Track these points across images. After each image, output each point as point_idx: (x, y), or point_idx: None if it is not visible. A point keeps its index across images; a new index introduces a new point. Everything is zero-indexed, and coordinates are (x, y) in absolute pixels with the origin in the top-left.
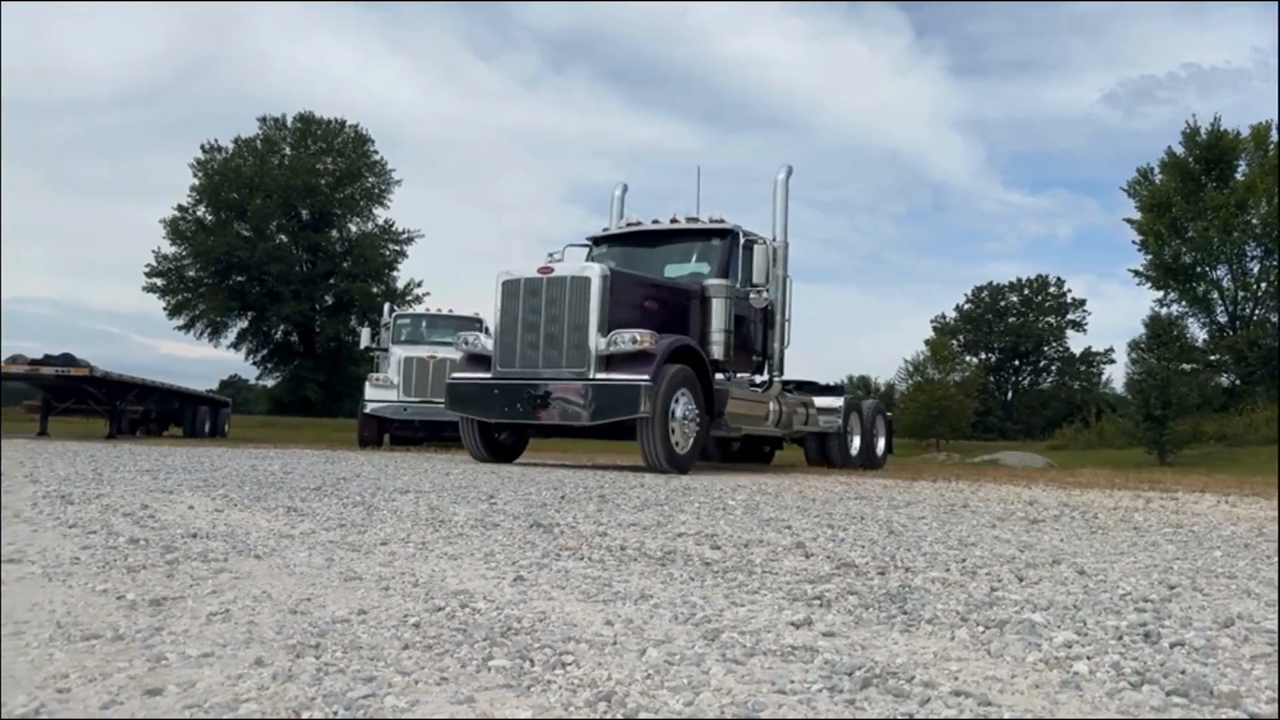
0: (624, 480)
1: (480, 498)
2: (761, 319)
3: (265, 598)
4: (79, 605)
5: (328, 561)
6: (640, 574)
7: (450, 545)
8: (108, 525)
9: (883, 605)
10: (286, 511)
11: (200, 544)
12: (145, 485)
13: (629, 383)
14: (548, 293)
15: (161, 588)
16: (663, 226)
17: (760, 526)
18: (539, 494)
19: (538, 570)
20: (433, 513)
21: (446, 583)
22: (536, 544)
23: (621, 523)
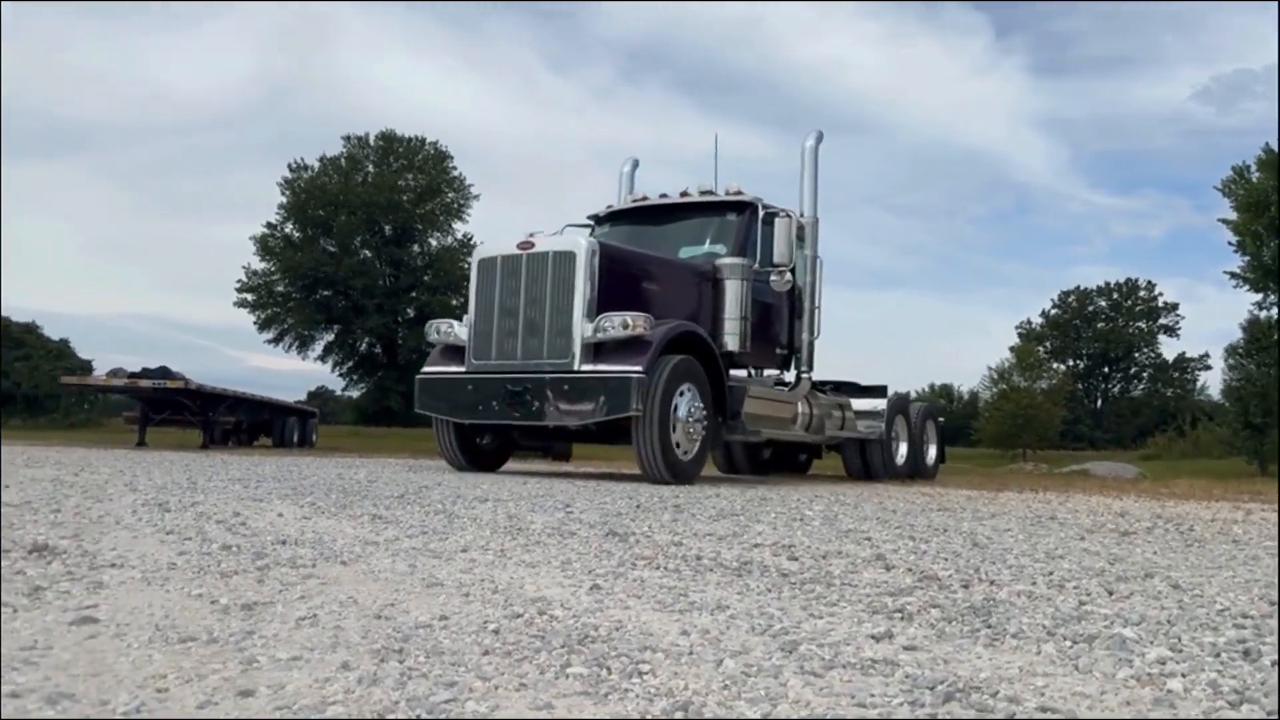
0: (699, 490)
1: (557, 506)
2: (787, 306)
3: (351, 603)
4: (176, 609)
5: (410, 568)
6: (716, 584)
7: (528, 553)
8: (202, 532)
9: (966, 619)
10: (371, 519)
11: (289, 550)
12: (237, 493)
13: (618, 375)
14: (528, 272)
15: (253, 593)
16: (672, 200)
17: (839, 538)
18: (614, 503)
19: (614, 579)
20: (511, 521)
21: (525, 590)
22: (612, 553)
23: (697, 532)
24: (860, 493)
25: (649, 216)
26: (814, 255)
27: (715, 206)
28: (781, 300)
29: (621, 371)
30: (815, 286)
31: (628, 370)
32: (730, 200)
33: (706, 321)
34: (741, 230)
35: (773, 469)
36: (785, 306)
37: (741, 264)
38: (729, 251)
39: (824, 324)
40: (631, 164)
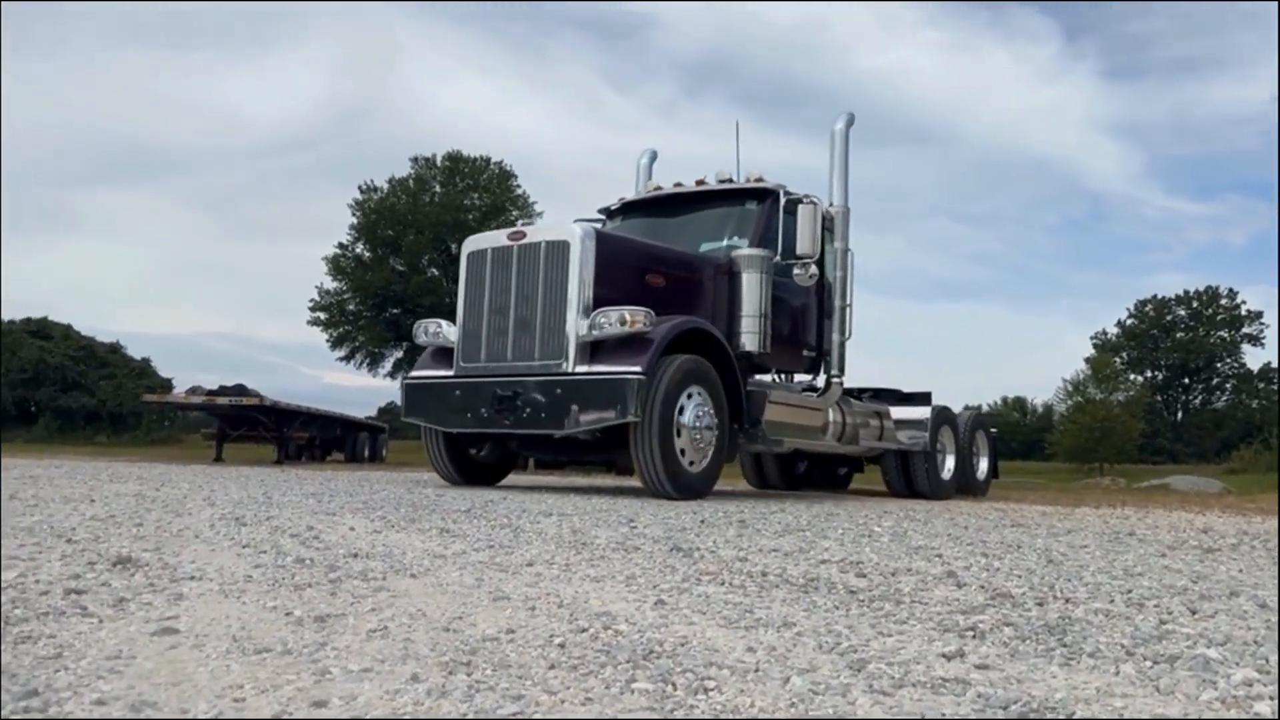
0: (764, 506)
1: (621, 521)
2: (815, 303)
3: (420, 616)
4: (252, 620)
5: (478, 581)
6: (782, 601)
7: (593, 567)
8: (277, 545)
9: (1040, 637)
10: (439, 533)
11: (360, 563)
12: (311, 508)
13: (613, 377)
14: (519, 264)
15: (325, 605)
16: (688, 189)
17: (908, 554)
18: (678, 518)
19: (678, 594)
20: (575, 535)
21: (590, 604)
22: (677, 568)
23: (762, 548)
24: (930, 509)
25: (664, 208)
26: (845, 248)
27: (734, 195)
28: (808, 297)
29: (617, 373)
30: (847, 282)
31: (624, 371)
32: (750, 188)
33: (721, 319)
34: (762, 220)
35: (808, 483)
36: (812, 304)
37: (761, 256)
38: (748, 243)
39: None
40: (649, 155)
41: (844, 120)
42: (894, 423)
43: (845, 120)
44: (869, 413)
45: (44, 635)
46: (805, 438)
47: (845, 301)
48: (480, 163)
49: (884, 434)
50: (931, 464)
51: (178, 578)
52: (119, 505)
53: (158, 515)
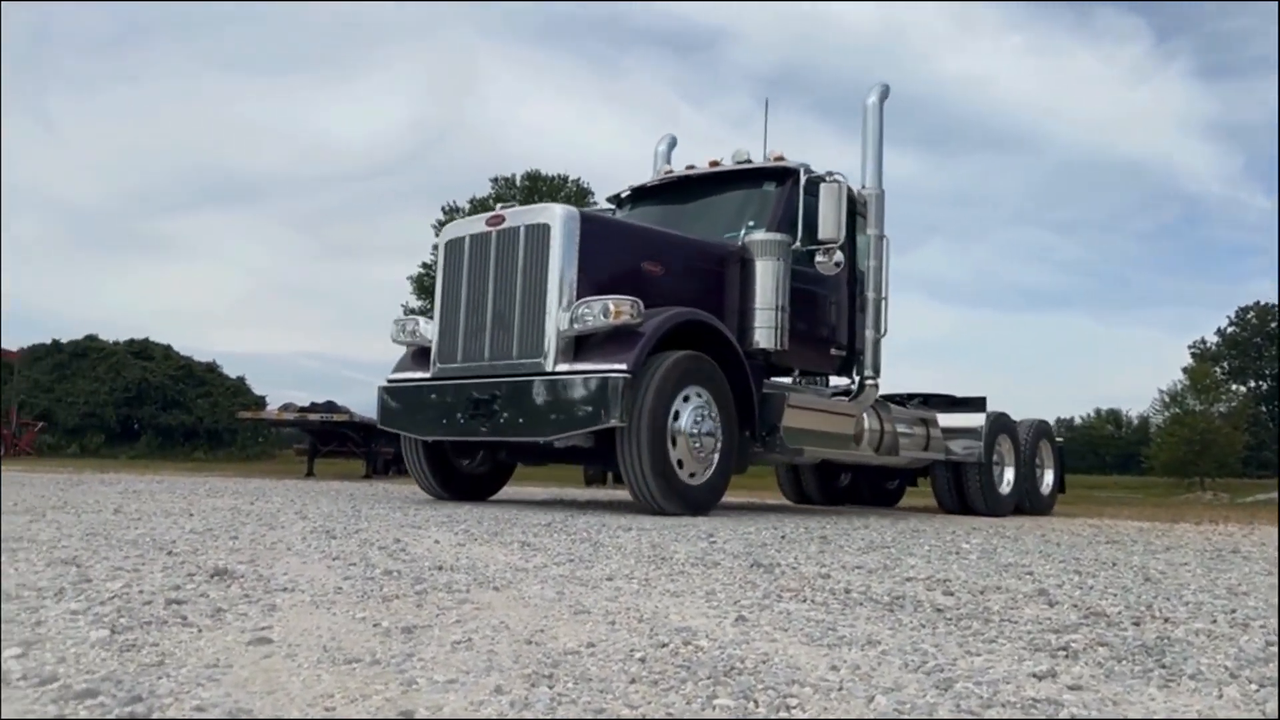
0: (847, 522)
1: (699, 536)
2: (845, 296)
3: (503, 628)
4: (341, 631)
5: (559, 595)
6: (866, 619)
7: (672, 582)
8: (365, 558)
9: (1137, 658)
10: (521, 546)
11: (445, 576)
12: (397, 521)
13: (594, 376)
14: (497, 252)
15: (412, 616)
16: (701, 171)
17: (998, 572)
18: (758, 533)
19: (759, 611)
20: (654, 550)
21: (670, 619)
22: (757, 584)
23: (845, 565)
24: (1020, 525)
25: (677, 194)
26: (879, 234)
27: (751, 176)
28: (837, 289)
29: (599, 371)
30: (882, 273)
31: (606, 369)
32: (768, 168)
33: (732, 313)
34: (781, 202)
35: (852, 498)
36: (842, 297)
37: (776, 241)
38: (763, 226)
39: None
40: (668, 142)
41: (876, 93)
42: (943, 431)
43: (878, 93)
44: (912, 420)
45: (147, 643)
46: (833, 447)
47: (880, 294)
48: (558, 181)
49: (930, 444)
50: (987, 477)
51: (271, 589)
52: (216, 519)
53: (253, 528)
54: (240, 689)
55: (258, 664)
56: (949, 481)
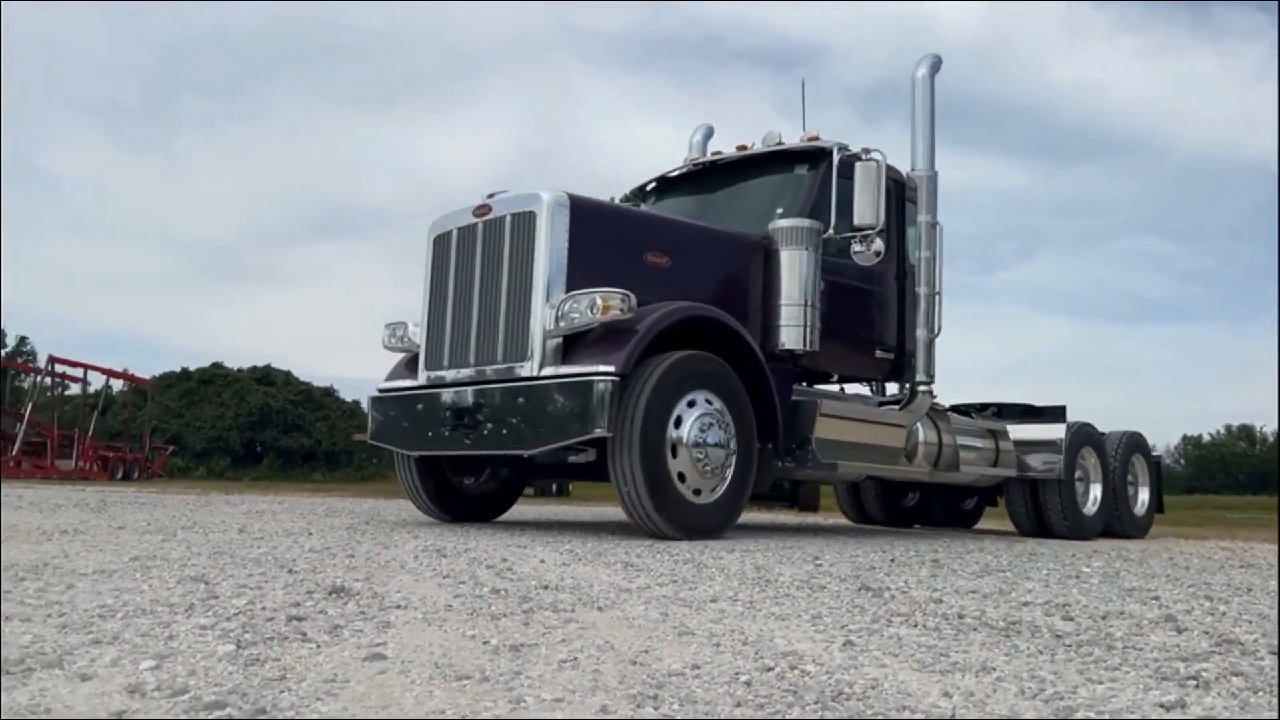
0: (960, 545)
1: (805, 559)
2: (893, 291)
3: (608, 648)
4: (452, 648)
5: (662, 616)
6: (981, 644)
7: (777, 605)
8: (474, 576)
9: (1276, 690)
10: (624, 566)
11: (551, 595)
12: (504, 540)
13: (574, 380)
14: (484, 245)
15: (519, 634)
16: (729, 157)
17: (1121, 596)
18: (866, 556)
19: (868, 635)
20: (759, 572)
21: (775, 643)
22: (866, 608)
23: (959, 589)
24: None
25: (706, 183)
26: (932, 222)
27: (782, 160)
28: (881, 283)
29: (581, 374)
30: (934, 265)
31: (591, 371)
32: (800, 149)
33: (755, 311)
34: (814, 186)
35: (923, 518)
36: (888, 292)
37: (804, 228)
38: (791, 211)
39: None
40: (704, 132)
41: (927, 65)
42: (1017, 444)
43: (929, 65)
44: (978, 432)
45: (269, 658)
46: (877, 461)
47: (933, 289)
48: None
49: (1000, 458)
50: (1068, 495)
51: (386, 606)
52: (334, 538)
53: (368, 547)
54: (356, 704)
55: (373, 680)
56: (1025, 500)
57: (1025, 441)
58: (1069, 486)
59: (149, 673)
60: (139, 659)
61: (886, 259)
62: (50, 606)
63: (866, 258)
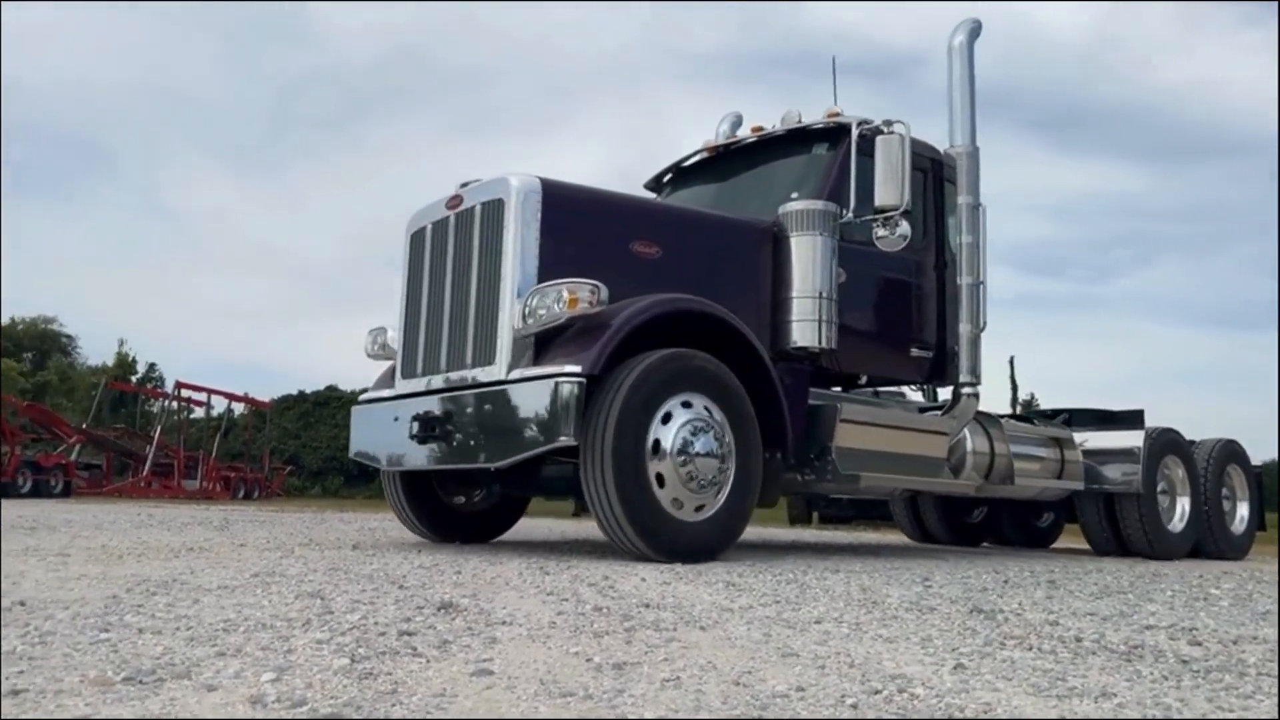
0: (1078, 565)
1: (914, 580)
2: (931, 281)
3: (710, 668)
4: (557, 665)
5: (765, 636)
6: (1100, 669)
7: (884, 627)
8: (576, 594)
9: None
10: (726, 586)
11: (653, 614)
12: (605, 558)
13: (538, 382)
14: (456, 239)
15: (621, 653)
16: (745, 139)
17: (1254, 620)
18: (978, 577)
19: (980, 658)
20: (864, 593)
21: (882, 665)
22: (978, 631)
23: (1076, 611)
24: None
25: (723, 171)
26: (974, 203)
27: (801, 140)
28: (917, 272)
29: (544, 376)
30: (978, 252)
31: (554, 373)
32: (818, 128)
33: (763, 305)
34: (833, 166)
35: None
36: (924, 283)
37: (818, 211)
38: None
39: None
40: (731, 120)
41: (965, 31)
42: (1089, 454)
43: (967, 31)
44: (1039, 440)
45: (382, 672)
46: (914, 473)
47: (976, 278)
48: None
49: (1065, 469)
50: (1149, 510)
51: (492, 622)
52: (442, 554)
53: (474, 564)
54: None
55: (480, 694)
56: (1100, 516)
57: (1099, 451)
58: (1149, 500)
59: (269, 685)
60: (260, 671)
61: (924, 246)
62: (179, 620)
63: (891, 243)
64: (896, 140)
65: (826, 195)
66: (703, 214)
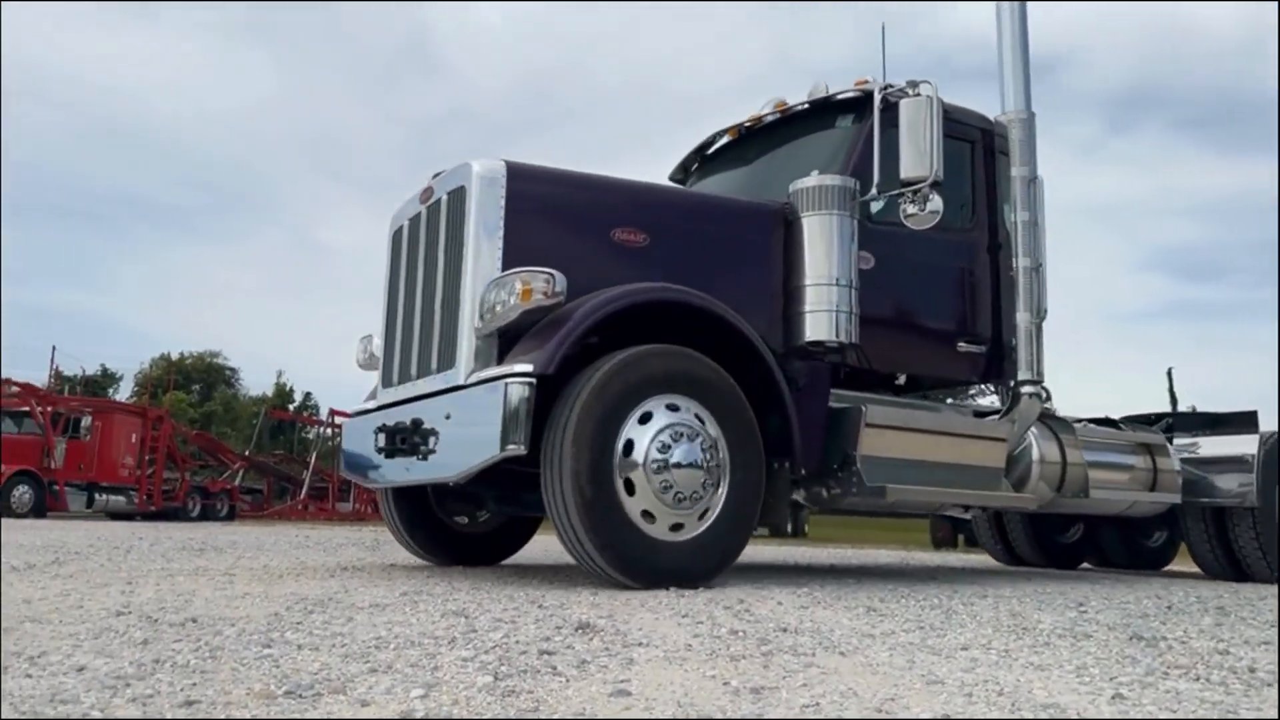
0: (1252, 590)
1: (1068, 605)
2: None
3: (851, 694)
4: (694, 688)
5: (909, 663)
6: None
7: (1036, 654)
8: (712, 616)
9: None
10: (866, 611)
11: (790, 638)
12: (741, 581)
13: (486, 386)
14: (427, 234)
15: (759, 677)
16: (769, 116)
17: None
18: (1138, 603)
19: (1140, 689)
20: (1014, 619)
21: (1034, 694)
22: (1138, 659)
23: (1249, 640)
24: None
25: (749, 153)
26: (1030, 175)
27: (825, 114)
28: (962, 255)
29: (493, 378)
30: (1035, 230)
31: (503, 374)
32: (843, 99)
33: (774, 296)
34: (859, 139)
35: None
36: (975, 268)
37: (833, 187)
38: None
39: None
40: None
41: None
42: (1193, 462)
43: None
44: (1125, 447)
45: (524, 690)
46: (963, 485)
47: (1034, 260)
48: None
49: (1159, 480)
50: (1268, 526)
51: (629, 643)
52: (579, 575)
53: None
54: None
55: (619, 715)
56: (1208, 533)
57: (1207, 459)
58: (1268, 515)
59: (418, 701)
60: (410, 687)
61: (973, 226)
62: (334, 637)
63: (921, 220)
64: (923, 103)
65: (850, 171)
66: (697, 197)
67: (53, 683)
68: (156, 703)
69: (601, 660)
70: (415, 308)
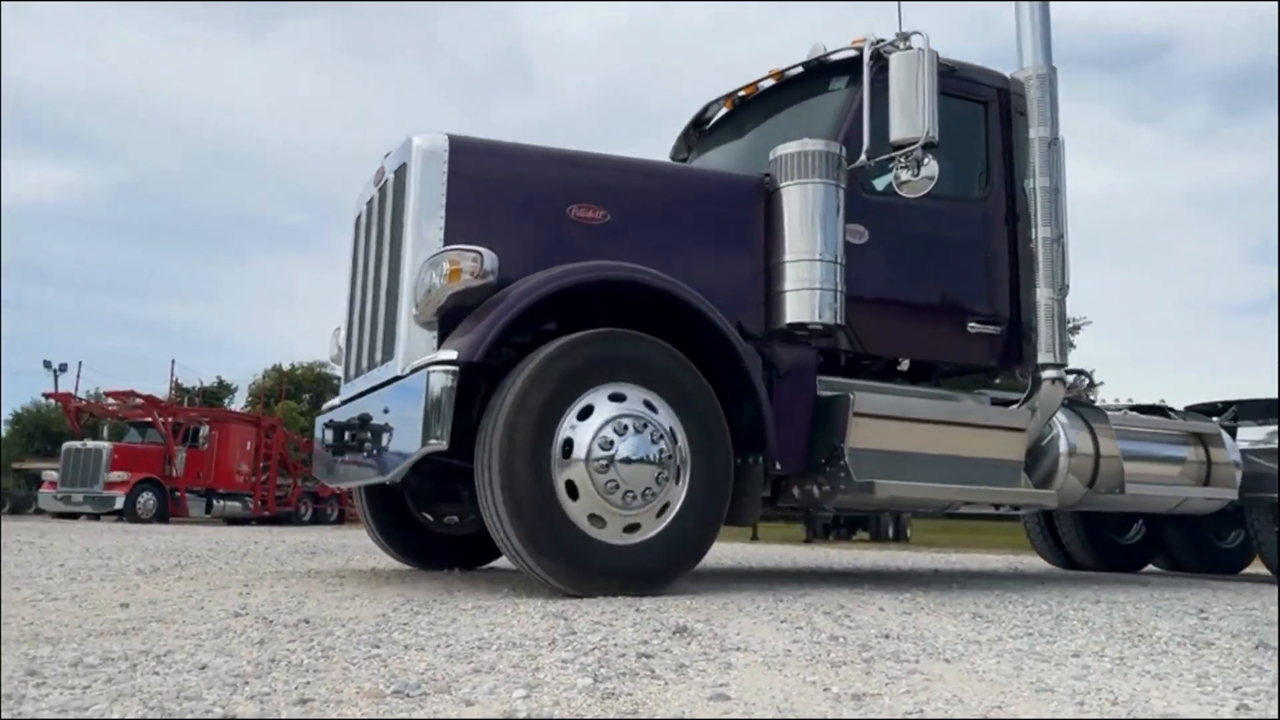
0: None
1: (1187, 611)
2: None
3: (956, 701)
4: (793, 693)
5: (1016, 670)
6: None
7: (1153, 663)
8: (811, 622)
9: None
10: (972, 617)
11: (893, 645)
12: (839, 586)
13: (409, 376)
14: (379, 217)
15: (860, 684)
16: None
17: None
18: (1265, 610)
19: (1268, 700)
20: (1129, 625)
21: (1151, 704)
22: (1264, 669)
23: None
24: None
25: (745, 125)
26: (1051, 137)
27: (818, 77)
28: (980, 228)
29: (419, 367)
30: (1056, 198)
31: (427, 364)
32: (836, 60)
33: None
34: (852, 102)
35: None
36: (989, 239)
37: (816, 153)
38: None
39: None
40: None
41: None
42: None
43: None
44: (1173, 437)
45: (623, 693)
46: (966, 480)
47: (1056, 230)
48: None
49: (1214, 473)
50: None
51: (727, 648)
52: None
53: (707, 588)
54: None
55: (718, 718)
56: (1276, 532)
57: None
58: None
59: (520, 701)
60: (512, 688)
61: (988, 195)
62: (439, 637)
63: (915, 186)
64: (913, 56)
65: (843, 137)
66: (665, 169)
67: (178, 680)
68: (273, 700)
69: (700, 664)
70: (368, 296)
